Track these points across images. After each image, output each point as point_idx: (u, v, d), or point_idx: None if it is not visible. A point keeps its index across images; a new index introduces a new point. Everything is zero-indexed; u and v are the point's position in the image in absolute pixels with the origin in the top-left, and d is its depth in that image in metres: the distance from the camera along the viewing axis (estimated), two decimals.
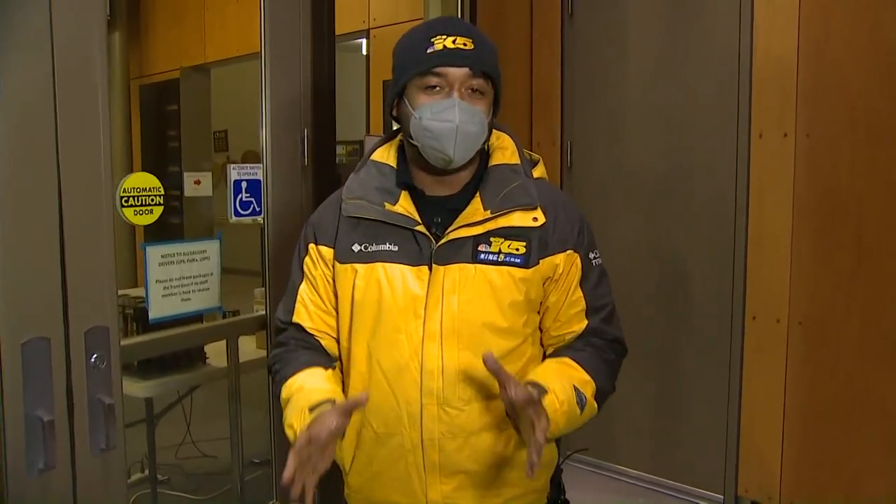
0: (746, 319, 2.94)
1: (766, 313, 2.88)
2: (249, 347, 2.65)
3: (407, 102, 1.31)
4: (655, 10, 3.21)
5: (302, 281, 1.43)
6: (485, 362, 1.18)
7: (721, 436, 3.07)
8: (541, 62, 3.43)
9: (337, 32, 2.40)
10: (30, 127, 1.49)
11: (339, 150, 3.17)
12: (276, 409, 2.20)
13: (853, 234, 2.70)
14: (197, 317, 2.13)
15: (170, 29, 5.46)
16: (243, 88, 5.37)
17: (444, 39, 1.28)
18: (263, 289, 2.82)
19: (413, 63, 1.30)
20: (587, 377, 1.33)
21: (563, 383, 1.28)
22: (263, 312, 2.20)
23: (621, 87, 3.30)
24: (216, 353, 2.66)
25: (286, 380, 1.37)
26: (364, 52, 4.46)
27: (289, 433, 1.29)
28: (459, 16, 3.15)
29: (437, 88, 1.29)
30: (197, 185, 2.86)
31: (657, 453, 3.29)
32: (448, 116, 1.26)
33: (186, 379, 2.61)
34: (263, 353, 2.65)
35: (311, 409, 1.25)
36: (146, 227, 1.82)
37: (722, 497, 3.07)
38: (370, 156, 1.43)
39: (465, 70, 1.28)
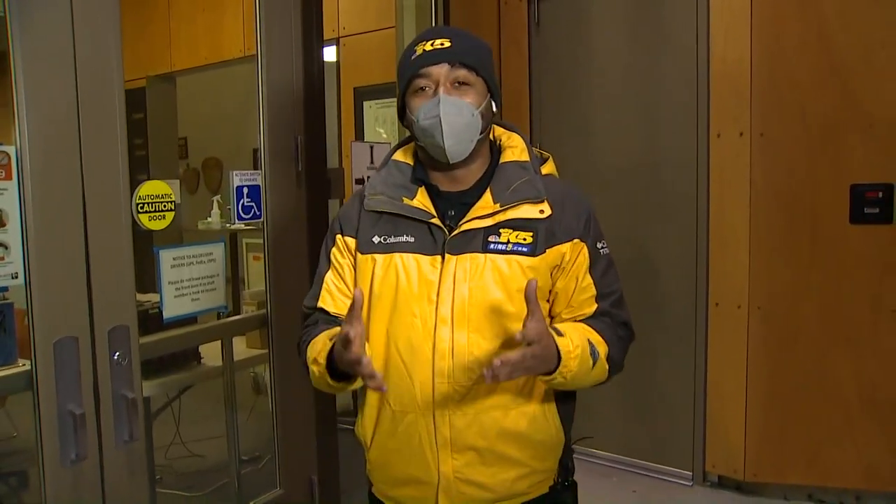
0: (710, 306, 3.14)
1: (728, 300, 3.08)
2: (240, 347, 2.74)
3: (408, 110, 1.45)
4: (617, 19, 3.39)
5: (328, 269, 1.53)
6: (527, 288, 1.26)
7: (689, 416, 3.26)
8: (509, 69, 3.59)
9: None
10: (56, 142, 1.60)
11: None
12: (277, 404, 2.32)
13: (807, 225, 2.92)
14: (192, 318, 2.22)
15: (136, 38, 5.47)
16: (206, 97, 5.44)
17: (424, 44, 1.41)
18: (255, 289, 2.92)
19: (403, 73, 1.45)
20: (600, 338, 1.42)
21: (579, 333, 1.38)
22: (263, 311, 2.30)
23: (587, 92, 3.48)
24: (208, 354, 2.75)
25: (309, 342, 1.47)
26: (332, 59, 4.56)
27: (314, 369, 1.41)
28: (433, 24, 3.29)
29: (426, 89, 1.40)
30: None
31: (629, 435, 3.47)
32: (434, 112, 1.37)
33: (183, 378, 2.69)
34: (254, 352, 2.76)
35: (331, 339, 1.36)
36: None
37: (691, 474, 3.27)
38: (391, 156, 1.55)
39: (444, 66, 1.39)
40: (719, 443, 3.17)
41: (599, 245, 1.49)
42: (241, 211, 2.16)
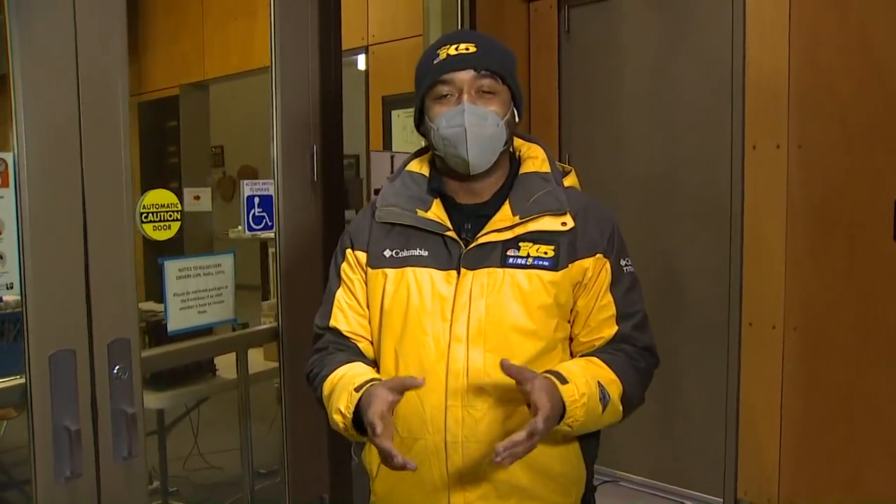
0: (743, 326, 3.01)
1: (762, 320, 2.95)
2: (257, 359, 2.69)
3: (427, 117, 1.37)
4: (649, 26, 3.29)
5: (339, 286, 1.45)
6: (502, 367, 1.19)
7: (720, 440, 3.13)
8: (539, 76, 3.51)
9: None
10: (56, 149, 1.55)
11: None
12: (288, 419, 2.26)
13: (845, 242, 2.77)
14: (206, 330, 2.17)
15: (169, 46, 5.51)
16: (239, 105, 5.45)
17: (448, 48, 1.34)
18: (272, 301, 2.87)
19: (424, 77, 1.36)
20: (614, 377, 1.32)
21: (586, 377, 1.27)
22: (275, 324, 2.24)
23: (618, 99, 3.38)
24: (223, 365, 2.71)
25: (326, 378, 1.37)
26: (363, 68, 4.52)
27: (336, 418, 1.30)
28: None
29: (448, 96, 1.33)
30: (196, 200, 2.90)
31: (657, 458, 3.35)
32: (458, 121, 1.30)
33: (198, 391, 2.66)
34: (271, 364, 2.71)
35: (357, 389, 1.27)
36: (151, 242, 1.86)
37: (721, 500, 3.13)
38: (404, 167, 1.48)
39: (469, 72, 1.32)
40: (752, 468, 3.03)
41: (623, 262, 1.40)
42: (251, 221, 2.10)
